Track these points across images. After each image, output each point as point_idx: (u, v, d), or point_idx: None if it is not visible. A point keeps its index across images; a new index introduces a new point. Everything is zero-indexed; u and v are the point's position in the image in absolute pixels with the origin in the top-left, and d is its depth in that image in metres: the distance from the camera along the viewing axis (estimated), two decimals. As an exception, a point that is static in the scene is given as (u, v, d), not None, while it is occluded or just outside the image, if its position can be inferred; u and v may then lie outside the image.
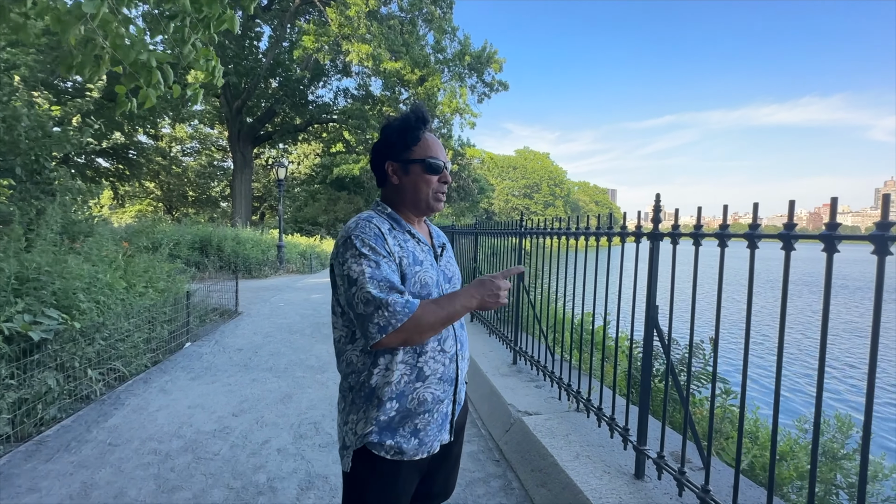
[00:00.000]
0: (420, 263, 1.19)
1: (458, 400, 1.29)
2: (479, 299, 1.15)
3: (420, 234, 1.27)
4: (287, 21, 19.63)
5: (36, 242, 4.18)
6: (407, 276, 1.15)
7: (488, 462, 2.76)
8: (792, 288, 1.57)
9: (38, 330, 3.17)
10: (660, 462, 2.06)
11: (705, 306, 13.83)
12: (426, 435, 1.19)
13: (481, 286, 1.15)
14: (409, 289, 1.15)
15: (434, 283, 1.21)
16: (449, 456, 1.34)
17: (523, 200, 79.64)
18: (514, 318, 4.13)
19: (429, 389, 1.18)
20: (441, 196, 1.27)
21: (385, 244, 1.13)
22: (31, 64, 7.98)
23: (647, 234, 2.17)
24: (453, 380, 1.24)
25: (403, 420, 1.16)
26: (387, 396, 1.14)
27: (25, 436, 2.94)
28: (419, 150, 1.22)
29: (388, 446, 1.15)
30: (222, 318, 6.81)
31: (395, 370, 1.14)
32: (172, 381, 4.10)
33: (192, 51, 2.24)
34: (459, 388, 1.29)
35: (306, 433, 3.13)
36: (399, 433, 1.16)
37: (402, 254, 1.17)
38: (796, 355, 10.97)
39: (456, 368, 1.25)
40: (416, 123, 1.23)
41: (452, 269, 1.34)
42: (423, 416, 1.18)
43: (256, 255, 13.08)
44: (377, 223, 1.16)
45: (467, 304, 1.14)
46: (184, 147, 30.19)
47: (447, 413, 1.25)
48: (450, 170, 1.30)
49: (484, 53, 20.46)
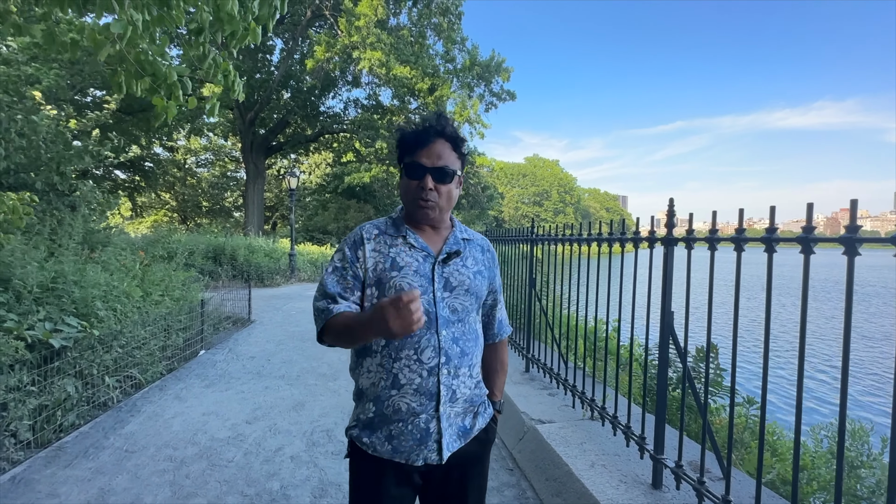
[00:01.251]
0: (399, 269, 1.18)
1: (442, 418, 1.18)
2: (375, 328, 0.99)
3: (420, 241, 1.23)
4: (298, 34, 19.99)
5: (57, 252, 4.29)
6: (382, 280, 1.19)
7: (502, 471, 2.73)
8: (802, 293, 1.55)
9: (59, 338, 3.24)
10: (678, 471, 2.02)
11: (721, 313, 13.63)
12: (400, 444, 1.17)
13: (377, 315, 0.97)
14: (384, 293, 1.18)
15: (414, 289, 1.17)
16: (457, 477, 1.24)
17: (533, 208, 79.39)
18: (526, 325, 4.10)
19: (404, 399, 1.16)
20: (422, 203, 1.20)
21: (358, 250, 1.21)
22: (52, 79, 8.23)
23: (662, 239, 2.15)
24: (433, 394, 1.17)
25: (380, 423, 1.19)
26: (367, 397, 1.22)
27: (45, 442, 2.99)
28: (410, 156, 1.22)
29: (364, 442, 1.20)
30: (235, 327, 6.89)
31: (373, 372, 1.20)
32: (187, 388, 4.14)
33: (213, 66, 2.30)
34: (445, 406, 1.18)
35: (319, 441, 3.13)
36: (375, 434, 1.20)
37: (378, 259, 1.20)
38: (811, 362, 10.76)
39: (437, 383, 1.16)
40: (414, 133, 1.22)
41: (461, 278, 1.24)
42: (396, 425, 1.18)
43: (268, 263, 13.22)
44: (366, 229, 1.25)
45: (367, 330, 1.03)
46: (198, 158, 30.77)
47: (428, 430, 1.17)
48: (450, 178, 1.21)
49: (492, 63, 20.58)
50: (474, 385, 1.26)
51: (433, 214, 1.23)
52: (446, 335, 1.19)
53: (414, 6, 20.06)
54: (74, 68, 12.96)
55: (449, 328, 1.19)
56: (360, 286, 1.21)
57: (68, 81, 12.47)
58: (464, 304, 1.24)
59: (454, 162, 1.23)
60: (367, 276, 1.20)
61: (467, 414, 1.25)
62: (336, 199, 27.17)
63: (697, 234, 1.95)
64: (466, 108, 19.56)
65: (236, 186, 31.43)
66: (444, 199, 1.22)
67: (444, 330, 1.18)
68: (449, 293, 1.21)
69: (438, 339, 1.17)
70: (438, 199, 1.21)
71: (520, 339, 4.27)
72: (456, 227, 1.32)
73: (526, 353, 4.03)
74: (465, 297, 1.24)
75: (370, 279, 1.20)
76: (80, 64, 12.84)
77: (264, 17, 2.35)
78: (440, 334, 1.17)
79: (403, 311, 0.93)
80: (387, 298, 0.97)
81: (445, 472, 1.22)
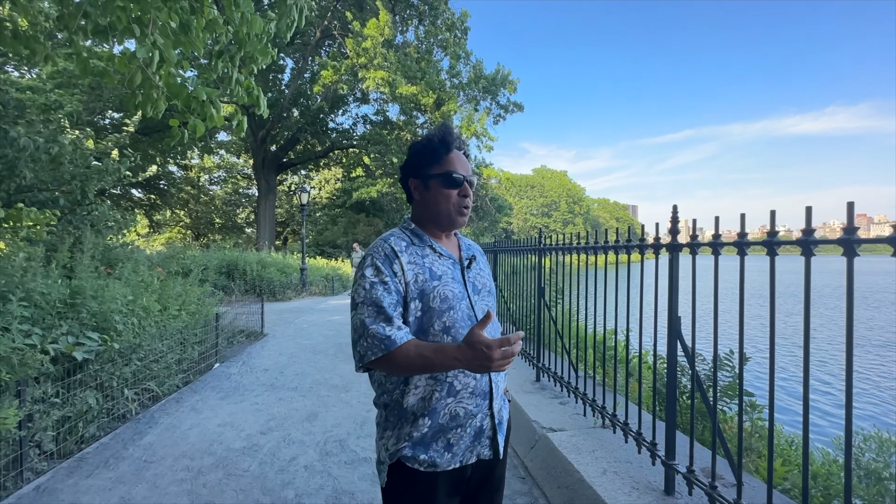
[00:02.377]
0: (438, 278, 1.20)
1: (495, 414, 1.23)
2: (463, 364, 1.03)
3: (444, 248, 1.27)
4: (308, 54, 20.55)
5: (77, 268, 4.44)
6: (425, 291, 1.17)
7: (514, 479, 2.74)
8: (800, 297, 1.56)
9: (81, 351, 3.35)
10: (690, 477, 2.02)
11: (728, 318, 13.47)
12: (458, 448, 1.18)
13: (471, 351, 1.00)
14: (429, 304, 1.16)
15: (457, 296, 1.20)
16: (492, 478, 1.28)
17: (542, 219, 79.33)
18: (535, 335, 4.12)
19: (461, 404, 1.17)
20: (464, 210, 1.26)
21: (394, 264, 1.17)
22: (75, 103, 8.59)
23: (666, 245, 2.18)
24: (486, 393, 1.21)
25: (436, 436, 1.16)
26: (419, 413, 1.16)
27: (67, 453, 3.07)
28: (439, 166, 1.24)
29: (421, 460, 1.15)
30: (249, 340, 6.98)
31: (423, 386, 1.16)
32: (203, 400, 4.22)
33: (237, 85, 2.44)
34: (496, 401, 1.24)
35: (332, 450, 3.17)
36: (432, 448, 1.16)
37: (417, 270, 1.18)
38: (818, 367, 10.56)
39: (489, 381, 1.22)
40: (438, 143, 1.25)
41: (483, 280, 1.31)
42: (455, 431, 1.17)
43: (280, 278, 13.40)
44: (393, 242, 1.21)
45: (448, 365, 1.06)
46: (211, 176, 31.49)
47: (482, 427, 1.21)
48: (474, 185, 1.29)
49: (498, 76, 20.88)
50: (504, 378, 1.32)
51: (466, 221, 1.29)
52: (491, 326, 1.21)
53: (420, 24, 20.52)
54: (93, 93, 13.46)
55: (487, 328, 1.24)
56: (402, 301, 1.16)
57: (89, 105, 12.94)
58: (489, 304, 1.31)
59: (471, 171, 1.31)
60: (408, 289, 1.16)
61: (503, 407, 1.30)
62: (346, 214, 27.51)
63: (702, 239, 1.98)
64: (473, 123, 19.79)
65: (248, 203, 32.02)
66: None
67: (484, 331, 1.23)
68: (478, 296, 1.27)
69: None
70: (470, 206, 1.29)
71: (530, 349, 4.28)
72: (458, 235, 1.39)
73: (536, 362, 4.04)
74: (489, 297, 1.32)
75: (412, 292, 1.17)
76: (98, 89, 13.34)
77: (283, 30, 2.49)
78: None
79: (496, 358, 0.97)
80: (495, 339, 0.98)
81: (485, 466, 1.25)
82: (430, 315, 1.17)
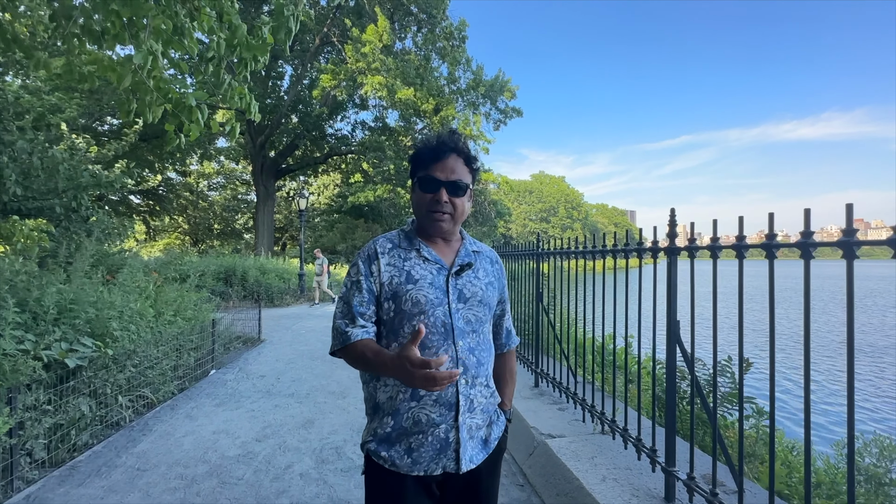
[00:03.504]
0: (415, 282, 1.20)
1: (461, 428, 1.19)
2: (391, 373, 1.10)
3: (433, 253, 1.26)
4: (308, 61, 20.64)
5: (73, 275, 4.40)
6: (398, 293, 1.20)
7: (512, 487, 2.70)
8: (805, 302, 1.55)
9: (74, 357, 3.31)
10: (690, 484, 1.99)
11: (729, 322, 13.48)
12: (420, 456, 1.17)
13: (399, 363, 1.03)
14: (401, 306, 1.19)
15: (431, 302, 1.19)
16: (476, 492, 1.26)
17: (540, 224, 79.45)
18: (534, 340, 4.10)
19: (423, 410, 1.17)
20: (435, 216, 1.24)
21: (372, 265, 1.23)
22: (74, 108, 8.58)
23: (664, 249, 2.17)
24: (452, 405, 1.18)
25: (399, 437, 1.19)
26: (385, 411, 1.21)
27: (59, 461, 3.02)
28: (423, 170, 1.26)
29: (383, 457, 1.19)
30: (246, 346, 6.94)
31: (392, 386, 1.20)
32: (198, 407, 4.17)
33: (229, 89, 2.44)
34: (464, 415, 1.20)
35: (328, 458, 3.13)
36: (394, 448, 1.19)
37: (393, 272, 1.22)
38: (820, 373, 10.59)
39: (456, 393, 1.18)
40: (425, 147, 1.27)
41: (474, 290, 1.27)
42: (416, 437, 1.18)
43: (278, 284, 13.35)
44: (379, 243, 1.27)
45: (382, 371, 1.14)
46: (210, 182, 31.50)
47: (447, 439, 1.18)
48: (462, 192, 1.25)
49: (497, 81, 20.96)
50: (490, 394, 1.28)
51: (446, 227, 1.26)
52: (463, 345, 1.21)
53: (419, 31, 20.65)
54: (93, 98, 13.49)
55: (465, 339, 1.22)
56: (374, 300, 1.23)
57: (88, 110, 12.97)
58: (477, 315, 1.27)
59: (466, 176, 1.27)
60: (382, 290, 1.21)
61: (486, 426, 1.27)
62: (344, 219, 27.50)
63: (700, 243, 1.97)
64: (469, 126, 19.86)
65: (247, 209, 32.00)
66: (457, 211, 1.26)
67: (460, 340, 1.21)
68: (463, 304, 1.24)
69: (456, 350, 1.19)
70: (453, 212, 1.25)
71: (528, 355, 4.25)
72: (466, 240, 1.36)
73: (535, 368, 4.00)
74: (479, 307, 1.27)
75: (386, 293, 1.21)
76: (98, 94, 13.36)
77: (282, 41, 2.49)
78: (457, 345, 1.20)
79: (426, 375, 0.98)
80: (417, 358, 0.98)
81: (461, 480, 1.23)
82: (400, 317, 1.20)
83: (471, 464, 1.20)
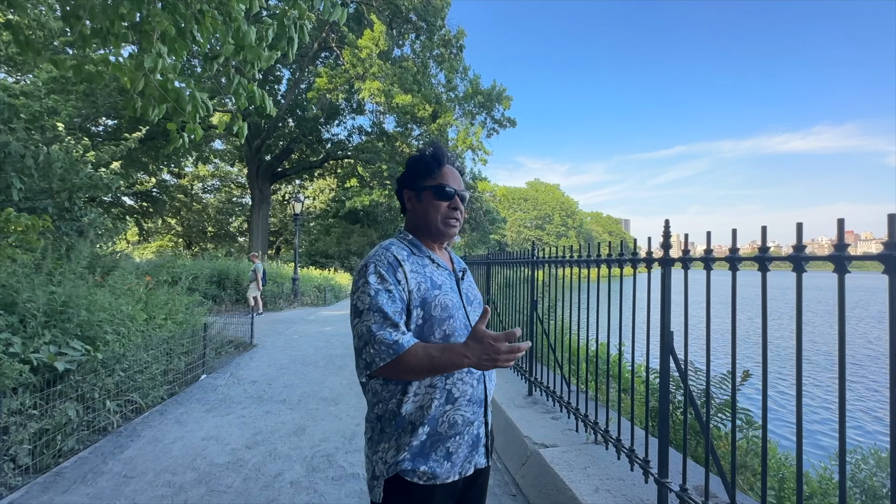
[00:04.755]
0: (439, 287, 1.22)
1: (488, 422, 1.28)
2: (472, 360, 1.05)
3: (440, 260, 1.31)
4: (305, 65, 20.70)
5: (64, 276, 4.35)
6: (427, 299, 1.18)
7: (504, 496, 2.68)
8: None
9: (63, 361, 3.26)
10: (683, 496, 1.99)
11: (723, 333, 13.51)
12: (458, 457, 1.19)
13: (479, 346, 1.04)
14: (430, 312, 1.17)
15: (455, 305, 1.24)
16: (476, 484, 1.30)
17: (535, 231, 79.73)
18: (528, 349, 4.09)
19: (459, 412, 1.19)
20: (452, 222, 1.29)
21: (397, 272, 1.17)
22: (70, 110, 8.53)
23: (658, 259, 2.18)
24: (482, 401, 1.25)
25: (435, 444, 1.16)
26: (418, 422, 1.15)
27: (44, 467, 2.96)
28: (432, 179, 1.28)
29: (421, 472, 1.13)
30: (238, 351, 6.86)
31: (421, 394, 1.16)
32: (188, 412, 4.11)
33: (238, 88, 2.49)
34: (488, 409, 1.29)
35: (319, 466, 3.09)
36: (432, 458, 1.15)
37: (419, 279, 1.19)
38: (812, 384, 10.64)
39: (484, 389, 1.26)
40: (431, 157, 1.30)
41: (474, 293, 1.38)
42: (454, 439, 1.18)
43: (272, 288, 13.27)
44: (395, 251, 1.21)
45: (457, 362, 1.07)
46: (205, 185, 31.36)
47: (479, 435, 1.24)
48: (466, 199, 1.33)
49: (493, 91, 21.17)
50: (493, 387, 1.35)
51: (456, 234, 1.32)
52: None
53: (417, 38, 20.80)
54: (87, 99, 13.41)
55: None
56: (406, 310, 1.16)
57: (83, 112, 12.88)
58: (479, 315, 1.32)
59: (464, 186, 1.36)
60: (411, 297, 1.17)
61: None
62: (339, 224, 27.43)
63: (694, 254, 1.98)
64: (469, 136, 19.99)
65: (241, 212, 31.87)
66: (463, 220, 1.34)
67: None
68: (470, 306, 1.31)
69: None
70: (461, 219, 1.32)
71: (523, 363, 4.24)
72: (448, 248, 1.43)
73: (529, 376, 3.99)
74: (479, 308, 1.36)
75: (415, 300, 1.17)
76: (93, 95, 13.30)
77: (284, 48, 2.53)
78: None
79: (503, 351, 1.02)
80: (496, 333, 1.04)
81: (478, 475, 1.27)
82: (431, 323, 1.19)
83: (492, 452, 1.28)
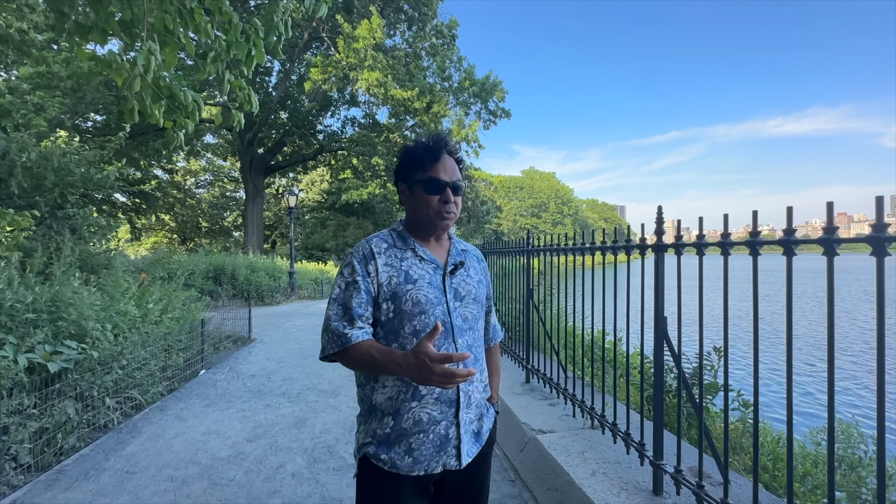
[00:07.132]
0: (413, 282, 1.21)
1: (461, 424, 1.22)
2: (406, 373, 1.06)
3: (428, 253, 1.28)
4: (296, 56, 20.40)
5: (56, 274, 4.32)
6: (398, 294, 1.20)
7: (504, 482, 2.72)
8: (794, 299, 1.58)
9: (59, 360, 3.25)
10: (678, 477, 2.03)
11: (714, 317, 13.64)
12: (421, 454, 1.18)
13: (414, 361, 1.03)
14: (401, 307, 1.19)
15: (431, 301, 1.21)
16: (471, 485, 1.29)
17: (531, 220, 79.71)
18: (525, 336, 4.12)
19: (425, 409, 1.18)
20: (445, 215, 1.26)
21: (369, 265, 1.21)
22: (57, 106, 8.39)
23: (652, 245, 2.19)
24: (453, 401, 1.21)
25: (399, 437, 1.18)
26: (383, 412, 1.20)
27: (45, 465, 2.98)
28: (423, 172, 1.26)
29: (383, 459, 1.18)
30: (236, 345, 6.88)
31: (391, 387, 1.19)
32: (188, 408, 4.13)
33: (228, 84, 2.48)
34: (463, 410, 1.23)
35: (320, 457, 3.12)
36: (394, 449, 1.18)
37: (391, 272, 1.21)
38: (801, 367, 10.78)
39: (457, 390, 1.21)
40: (424, 150, 1.27)
41: (468, 288, 1.31)
42: (417, 436, 1.18)
43: (269, 282, 13.24)
44: (374, 243, 1.25)
45: (394, 370, 1.09)
46: (197, 179, 31.06)
47: (447, 436, 1.20)
48: (461, 190, 1.30)
49: (488, 82, 20.96)
50: (483, 388, 1.32)
51: (450, 226, 1.30)
52: (462, 343, 1.24)
53: (409, 29, 20.52)
54: (75, 95, 13.19)
55: (463, 336, 1.25)
56: (372, 301, 1.20)
57: (70, 108, 12.68)
58: (472, 313, 1.30)
59: (460, 176, 1.31)
60: (380, 291, 1.20)
61: (478, 419, 1.29)
62: (335, 217, 27.29)
63: (687, 240, 1.99)
64: (464, 128, 19.86)
65: (236, 206, 31.64)
66: (459, 211, 1.30)
67: (459, 338, 1.23)
68: (459, 303, 1.27)
69: (456, 348, 1.22)
70: (455, 211, 1.29)
71: (519, 351, 4.27)
72: (454, 239, 1.39)
73: (526, 364, 4.03)
74: (473, 305, 1.31)
75: (384, 293, 1.20)
76: (80, 91, 13.07)
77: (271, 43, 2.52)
78: (457, 343, 1.22)
79: (437, 372, 1.00)
80: (436, 353, 1.01)
81: (458, 476, 1.25)
82: (400, 317, 1.20)
83: (468, 458, 1.23)
